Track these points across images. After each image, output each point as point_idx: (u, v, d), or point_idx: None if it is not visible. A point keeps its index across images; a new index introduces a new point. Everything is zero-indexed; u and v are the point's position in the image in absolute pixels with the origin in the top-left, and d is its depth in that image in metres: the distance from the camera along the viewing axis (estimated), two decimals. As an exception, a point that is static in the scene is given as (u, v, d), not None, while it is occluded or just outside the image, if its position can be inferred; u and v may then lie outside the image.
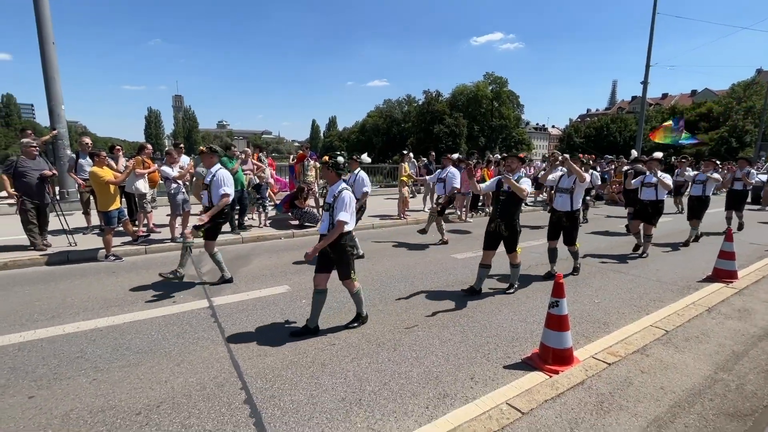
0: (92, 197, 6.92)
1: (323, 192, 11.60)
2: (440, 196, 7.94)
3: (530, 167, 13.95)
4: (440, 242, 7.78)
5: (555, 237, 5.67)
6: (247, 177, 8.57)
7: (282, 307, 4.48)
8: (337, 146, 70.30)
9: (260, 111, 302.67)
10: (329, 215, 3.62)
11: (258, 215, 8.88)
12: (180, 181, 6.94)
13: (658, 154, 7.07)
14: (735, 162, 13.98)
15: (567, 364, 3.19)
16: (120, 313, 4.24)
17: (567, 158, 5.48)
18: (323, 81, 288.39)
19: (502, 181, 4.70)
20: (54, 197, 6.88)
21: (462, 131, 55.78)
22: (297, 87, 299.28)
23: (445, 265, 6.28)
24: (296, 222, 8.85)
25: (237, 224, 8.11)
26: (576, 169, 5.21)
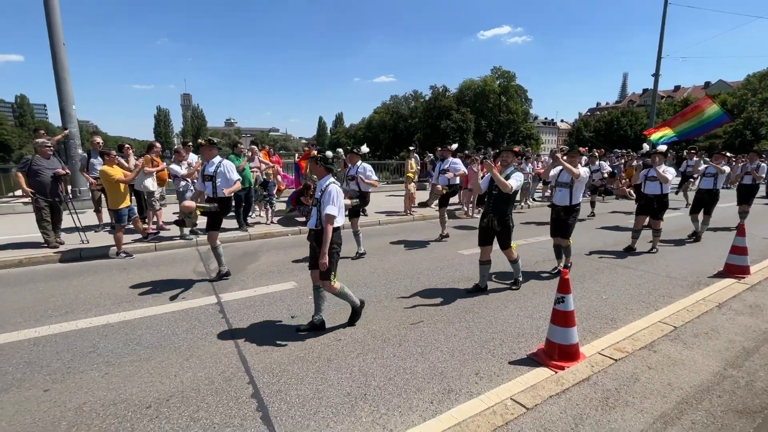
0: (103, 195, 7.04)
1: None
2: (443, 186, 7.55)
3: (538, 162, 13.80)
4: (440, 237, 7.66)
5: (557, 234, 5.58)
6: (254, 174, 8.63)
7: (289, 303, 4.52)
8: (344, 143, 70.30)
9: (268, 108, 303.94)
10: (317, 210, 3.64)
11: (265, 212, 8.95)
12: (188, 179, 7.02)
13: (662, 147, 6.92)
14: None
15: (573, 360, 3.18)
16: (131, 309, 4.33)
17: (558, 156, 5.40)
18: (330, 77, 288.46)
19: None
20: (67, 195, 7.01)
21: (469, 126, 55.44)
22: (304, 84, 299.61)
23: (451, 261, 6.27)
24: (303, 219, 8.90)
25: (243, 221, 8.18)
26: (567, 167, 5.11)
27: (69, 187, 9.47)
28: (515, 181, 4.47)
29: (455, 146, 8.48)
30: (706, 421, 2.46)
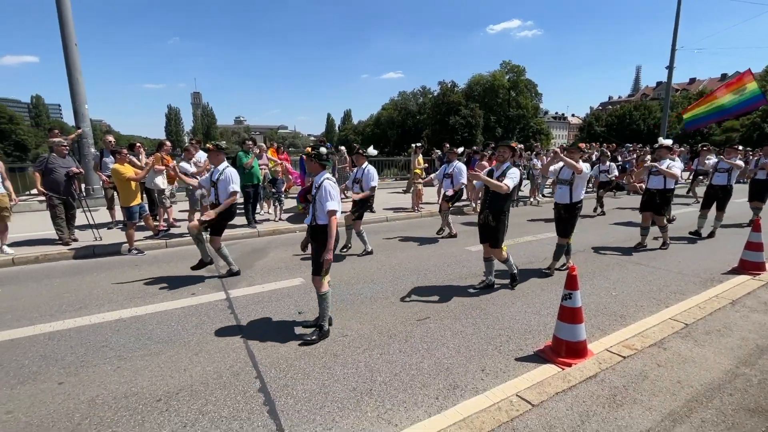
0: (116, 193, 7.17)
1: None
2: (446, 193, 7.59)
3: (547, 158, 13.62)
4: (448, 235, 7.64)
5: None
6: (263, 171, 8.70)
7: (296, 299, 4.56)
8: (352, 140, 70.36)
9: (276, 106, 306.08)
10: (312, 207, 3.64)
11: (274, 209, 9.01)
12: (198, 177, 7.10)
13: (667, 142, 6.73)
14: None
15: (580, 357, 3.15)
16: (142, 305, 4.41)
17: (558, 152, 5.27)
18: (338, 75, 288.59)
19: (493, 171, 4.58)
20: (81, 194, 7.16)
21: (478, 122, 54.92)
22: (312, 81, 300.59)
23: (459, 258, 6.25)
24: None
25: (252, 218, 8.25)
26: (568, 161, 4.99)
27: (83, 186, 9.67)
28: (511, 180, 4.33)
29: (461, 149, 8.44)
30: (717, 420, 2.42)
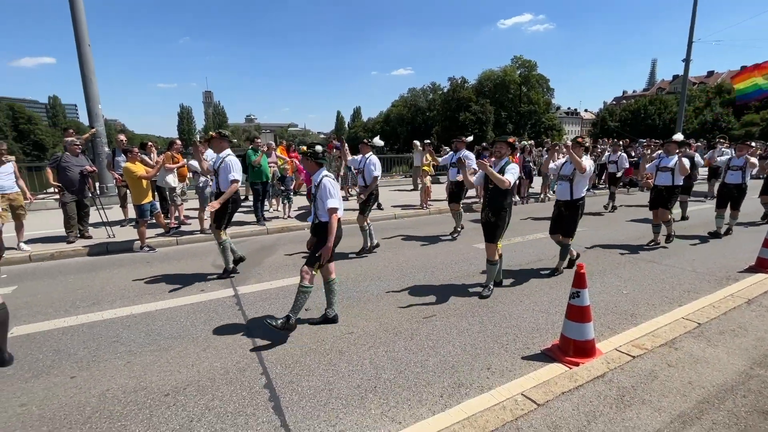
0: (128, 191, 7.30)
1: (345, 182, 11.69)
2: (453, 183, 7.26)
3: (558, 153, 13.40)
4: (454, 234, 7.51)
5: (556, 231, 5.30)
6: (272, 169, 8.76)
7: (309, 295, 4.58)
8: (362, 137, 70.24)
9: (286, 104, 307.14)
10: (313, 205, 3.63)
11: (283, 207, 9.07)
12: (207, 175, 7.18)
13: (678, 137, 6.56)
14: None
15: (588, 356, 3.11)
16: (153, 301, 4.49)
17: (569, 146, 5.12)
18: (347, 72, 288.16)
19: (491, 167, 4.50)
20: (94, 192, 7.31)
21: (489, 118, 54.40)
22: (322, 79, 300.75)
23: (466, 255, 6.20)
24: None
25: (261, 215, 8.32)
26: (575, 159, 4.85)
27: (97, 184, 9.88)
28: (511, 175, 4.23)
29: (470, 138, 8.14)
30: (728, 422, 2.36)
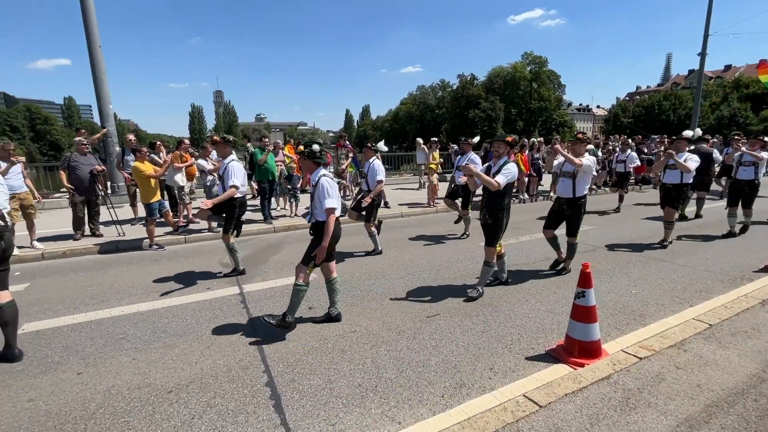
0: (138, 190, 7.40)
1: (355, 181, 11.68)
2: (459, 186, 7.18)
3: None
4: (457, 223, 7.45)
5: (551, 227, 5.16)
6: (279, 168, 8.80)
7: (308, 295, 4.55)
8: (371, 135, 70.31)
9: (296, 103, 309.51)
10: (311, 205, 3.60)
11: (290, 205, 9.12)
12: (215, 174, 7.24)
13: (688, 133, 6.35)
14: None
15: (594, 358, 3.05)
16: (159, 299, 4.55)
17: (557, 148, 5.03)
18: (357, 70, 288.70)
19: (490, 167, 4.41)
20: (104, 191, 7.44)
21: (498, 115, 53.87)
22: (331, 77, 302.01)
23: (472, 254, 6.15)
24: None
25: (268, 213, 8.37)
26: (569, 157, 4.73)
27: (109, 183, 10.05)
28: (503, 177, 4.10)
29: (476, 140, 8.05)
30: (738, 426, 2.29)
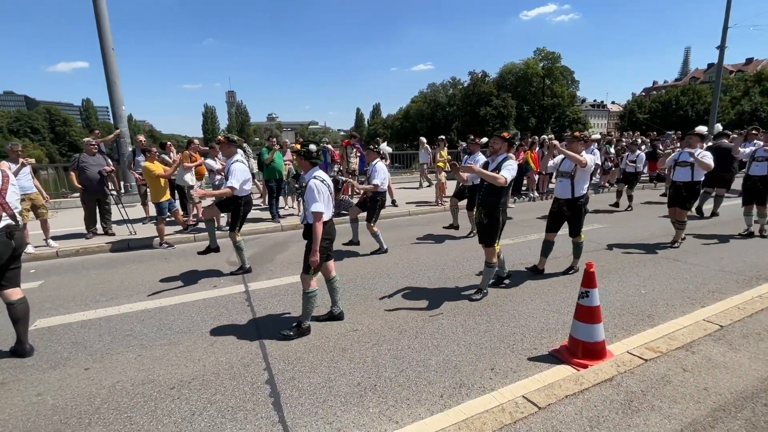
0: (148, 190, 7.54)
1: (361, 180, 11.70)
2: (467, 187, 7.01)
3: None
4: (450, 226, 7.39)
5: (553, 229, 4.98)
6: (287, 167, 8.86)
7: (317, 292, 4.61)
8: (382, 133, 70.28)
9: (307, 102, 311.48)
10: (303, 206, 3.59)
11: (297, 204, 9.17)
12: (222, 174, 7.33)
13: (702, 129, 6.13)
14: None
15: (598, 359, 2.99)
16: (167, 296, 4.63)
17: (555, 144, 4.88)
18: (367, 68, 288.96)
19: (488, 164, 4.29)
20: (113, 190, 7.61)
21: (510, 112, 53.27)
22: (342, 76, 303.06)
23: (478, 253, 6.04)
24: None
25: (276, 212, 8.44)
26: (570, 154, 4.58)
27: (122, 183, 10.26)
28: (507, 172, 3.93)
29: (485, 140, 7.96)
30: (745, 432, 2.22)
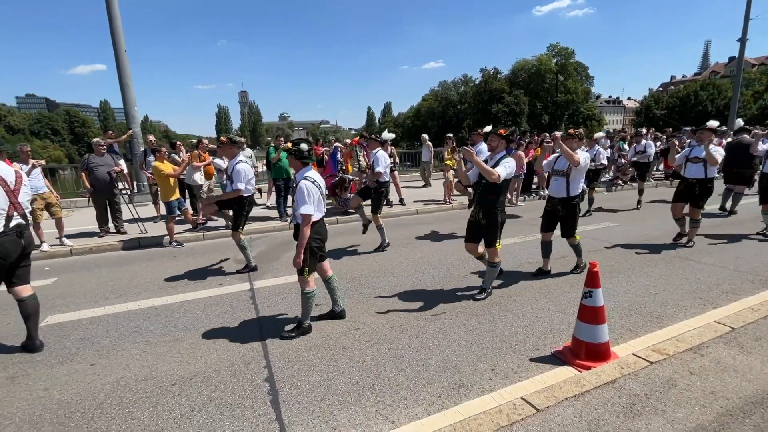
0: (158, 189, 7.68)
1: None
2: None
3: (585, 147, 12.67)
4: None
5: (549, 228, 4.88)
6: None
7: (316, 292, 4.62)
8: (393, 132, 70.05)
9: (319, 101, 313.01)
10: (294, 206, 3.57)
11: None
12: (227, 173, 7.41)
13: (713, 123, 5.91)
14: None
15: (602, 360, 2.93)
16: (174, 294, 4.70)
17: (558, 138, 4.70)
18: (378, 67, 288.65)
19: (486, 161, 4.16)
20: (126, 190, 7.77)
21: (523, 109, 52.59)
22: (353, 75, 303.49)
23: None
24: (342, 209, 9.07)
25: (284, 211, 8.50)
26: (567, 151, 4.46)
27: (135, 182, 10.47)
28: (503, 169, 3.85)
29: (488, 128, 7.80)
30: (753, 438, 2.14)
